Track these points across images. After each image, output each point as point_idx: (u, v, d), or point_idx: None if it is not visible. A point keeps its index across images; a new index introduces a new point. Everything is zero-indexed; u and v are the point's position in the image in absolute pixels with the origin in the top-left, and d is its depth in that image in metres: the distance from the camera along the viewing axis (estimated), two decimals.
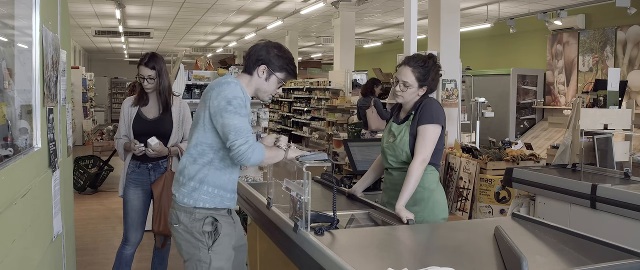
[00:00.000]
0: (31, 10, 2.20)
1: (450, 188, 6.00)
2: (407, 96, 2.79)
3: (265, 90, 2.53)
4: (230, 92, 2.36)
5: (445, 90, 6.90)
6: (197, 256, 2.46)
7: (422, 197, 2.74)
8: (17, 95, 2.16)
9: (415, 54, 2.87)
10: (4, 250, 1.64)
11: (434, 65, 2.79)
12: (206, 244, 2.45)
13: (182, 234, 2.48)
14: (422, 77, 2.75)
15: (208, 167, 2.47)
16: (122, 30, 14.63)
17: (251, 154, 2.31)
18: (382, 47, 17.90)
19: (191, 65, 11.04)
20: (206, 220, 2.46)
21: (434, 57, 2.83)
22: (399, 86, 2.78)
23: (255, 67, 2.48)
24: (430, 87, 2.79)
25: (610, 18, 9.72)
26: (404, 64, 2.79)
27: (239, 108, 2.35)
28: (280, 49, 2.51)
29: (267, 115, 6.34)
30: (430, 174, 2.78)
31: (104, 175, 8.15)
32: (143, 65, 3.45)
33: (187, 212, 2.46)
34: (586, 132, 4.61)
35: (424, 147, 2.68)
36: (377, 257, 2.09)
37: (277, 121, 14.80)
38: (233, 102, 2.34)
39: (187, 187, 2.47)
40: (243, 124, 2.34)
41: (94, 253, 5.02)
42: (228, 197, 2.54)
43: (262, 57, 2.46)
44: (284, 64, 2.49)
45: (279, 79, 2.51)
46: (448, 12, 7.01)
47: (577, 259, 2.06)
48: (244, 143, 2.31)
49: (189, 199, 2.46)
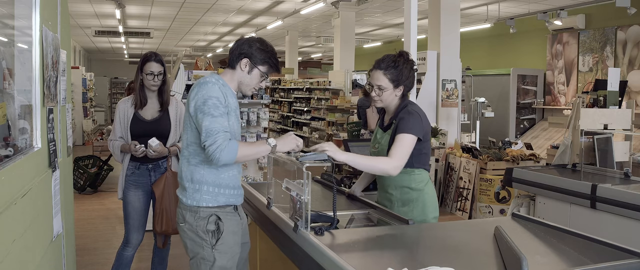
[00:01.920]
0: (31, 10, 2.20)
1: (450, 188, 6.00)
2: (385, 99, 2.75)
3: (248, 84, 2.55)
4: (206, 92, 2.39)
5: (445, 90, 6.90)
6: (200, 254, 2.48)
7: (411, 197, 2.73)
8: (17, 95, 2.15)
9: (385, 56, 2.79)
10: (4, 250, 1.64)
11: (406, 62, 2.72)
12: (209, 242, 2.47)
13: (187, 232, 2.51)
14: (395, 77, 2.70)
15: (202, 167, 2.49)
16: (122, 30, 14.64)
17: (219, 154, 2.31)
18: (382, 47, 17.89)
19: (191, 65, 11.04)
20: (210, 218, 2.47)
21: (405, 54, 2.75)
22: (374, 91, 2.75)
23: (238, 61, 2.51)
24: (405, 85, 2.73)
25: (610, 18, 9.72)
26: (375, 68, 2.75)
27: (213, 108, 2.36)
28: (263, 43, 2.53)
29: (267, 115, 6.34)
30: (419, 174, 2.75)
31: (103, 175, 8.16)
32: (152, 61, 3.40)
33: (191, 211, 2.49)
34: (586, 132, 4.61)
35: (396, 153, 2.58)
36: (377, 257, 2.09)
37: (277, 121, 14.80)
38: (208, 102, 2.37)
39: (189, 189, 2.50)
40: (214, 124, 2.34)
41: (94, 253, 5.02)
42: (231, 194, 2.54)
43: (245, 51, 2.49)
44: (266, 58, 2.51)
45: (261, 72, 2.52)
46: (448, 12, 7.02)
47: (577, 259, 2.06)
48: (212, 144, 2.32)
49: (193, 201, 2.48)
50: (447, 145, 6.47)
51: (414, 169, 2.71)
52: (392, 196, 2.78)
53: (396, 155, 2.58)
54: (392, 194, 2.77)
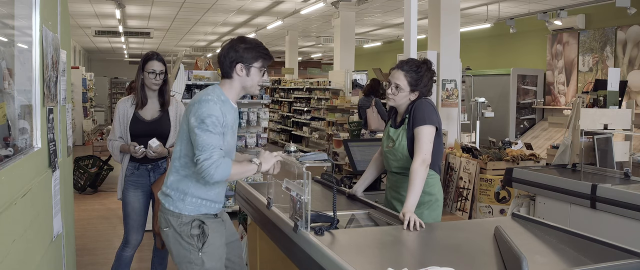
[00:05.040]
0: (31, 10, 2.20)
1: (450, 188, 6.00)
2: (398, 99, 2.83)
3: (252, 84, 2.54)
4: (206, 111, 2.38)
5: (445, 90, 6.90)
6: (188, 258, 2.49)
7: (423, 200, 2.76)
8: (17, 95, 2.15)
9: (410, 59, 2.89)
10: (4, 250, 1.64)
11: (428, 71, 2.81)
12: (196, 246, 2.48)
13: (172, 237, 2.52)
14: (414, 81, 2.78)
15: (190, 179, 2.51)
16: (122, 30, 14.63)
17: (214, 170, 2.32)
18: (382, 47, 17.90)
19: (191, 65, 11.04)
20: (193, 223, 2.49)
21: (429, 63, 2.85)
22: (390, 89, 2.83)
23: (232, 69, 2.49)
24: (422, 92, 2.82)
25: (610, 18, 9.72)
26: (397, 67, 2.83)
27: (212, 126, 2.37)
28: (246, 41, 2.51)
29: (267, 115, 6.34)
30: (432, 178, 2.81)
31: (104, 175, 8.16)
32: (154, 60, 3.40)
33: (174, 216, 2.51)
34: (586, 132, 4.61)
35: (420, 148, 2.70)
36: (377, 257, 2.09)
37: (277, 121, 14.79)
38: (206, 120, 2.37)
39: (173, 197, 2.52)
40: (211, 140, 2.35)
41: (94, 253, 5.02)
42: (214, 207, 2.58)
43: (233, 57, 2.48)
44: (255, 54, 2.50)
45: (258, 68, 2.52)
46: (448, 12, 7.01)
47: (577, 259, 2.06)
48: (208, 158, 2.32)
49: (175, 208, 2.51)
50: (447, 145, 6.47)
51: (427, 171, 2.74)
52: (404, 197, 2.73)
53: (420, 150, 2.69)
54: (404, 195, 2.73)
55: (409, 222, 2.41)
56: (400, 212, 2.59)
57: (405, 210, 2.52)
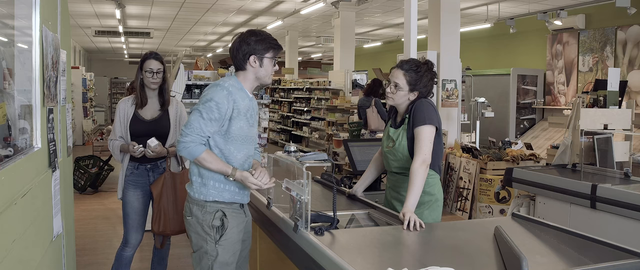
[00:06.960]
0: (31, 10, 2.20)
1: (450, 188, 6.00)
2: (397, 99, 2.82)
3: (265, 74, 2.61)
4: (210, 94, 2.48)
5: (445, 90, 6.90)
6: (204, 248, 2.52)
7: (423, 200, 2.75)
8: (17, 95, 2.15)
9: (410, 58, 2.89)
10: (4, 250, 1.64)
11: (428, 71, 2.81)
12: (214, 237, 2.51)
13: (193, 225, 2.56)
14: (414, 81, 2.78)
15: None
16: (122, 30, 14.64)
17: (183, 147, 2.44)
18: (382, 47, 17.90)
19: (191, 65, 11.04)
20: (216, 214, 2.52)
21: (430, 64, 2.85)
22: (389, 88, 2.84)
23: (246, 61, 2.56)
24: (421, 92, 2.82)
25: (610, 18, 9.72)
26: (398, 66, 2.84)
27: (207, 110, 2.44)
28: (256, 34, 2.58)
29: (267, 115, 6.34)
30: (432, 178, 2.80)
31: (104, 175, 8.16)
32: (152, 59, 3.43)
33: (199, 205, 2.54)
34: (586, 132, 4.61)
35: (420, 148, 2.70)
36: (377, 257, 2.09)
37: (277, 121, 14.79)
38: (207, 103, 2.46)
39: (195, 183, 2.56)
40: (198, 123, 2.44)
41: (94, 253, 5.02)
42: (236, 192, 2.58)
43: (246, 50, 2.55)
44: (266, 45, 2.57)
45: (270, 58, 2.59)
46: (448, 12, 7.02)
47: (577, 259, 2.06)
48: (187, 136, 2.43)
49: (199, 194, 2.54)
50: (447, 145, 6.47)
51: (429, 170, 2.74)
52: (404, 197, 2.72)
53: (420, 150, 2.69)
54: (404, 195, 2.72)
55: (409, 222, 2.42)
56: (400, 212, 2.58)
57: (405, 210, 2.53)
